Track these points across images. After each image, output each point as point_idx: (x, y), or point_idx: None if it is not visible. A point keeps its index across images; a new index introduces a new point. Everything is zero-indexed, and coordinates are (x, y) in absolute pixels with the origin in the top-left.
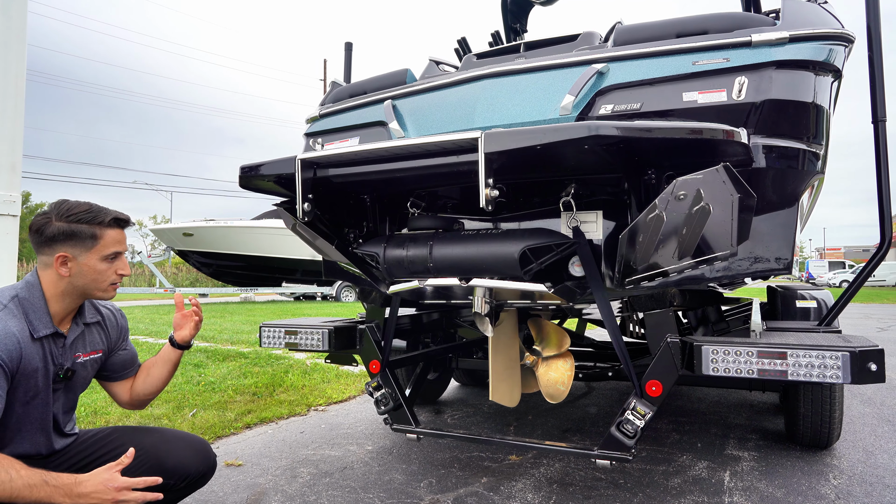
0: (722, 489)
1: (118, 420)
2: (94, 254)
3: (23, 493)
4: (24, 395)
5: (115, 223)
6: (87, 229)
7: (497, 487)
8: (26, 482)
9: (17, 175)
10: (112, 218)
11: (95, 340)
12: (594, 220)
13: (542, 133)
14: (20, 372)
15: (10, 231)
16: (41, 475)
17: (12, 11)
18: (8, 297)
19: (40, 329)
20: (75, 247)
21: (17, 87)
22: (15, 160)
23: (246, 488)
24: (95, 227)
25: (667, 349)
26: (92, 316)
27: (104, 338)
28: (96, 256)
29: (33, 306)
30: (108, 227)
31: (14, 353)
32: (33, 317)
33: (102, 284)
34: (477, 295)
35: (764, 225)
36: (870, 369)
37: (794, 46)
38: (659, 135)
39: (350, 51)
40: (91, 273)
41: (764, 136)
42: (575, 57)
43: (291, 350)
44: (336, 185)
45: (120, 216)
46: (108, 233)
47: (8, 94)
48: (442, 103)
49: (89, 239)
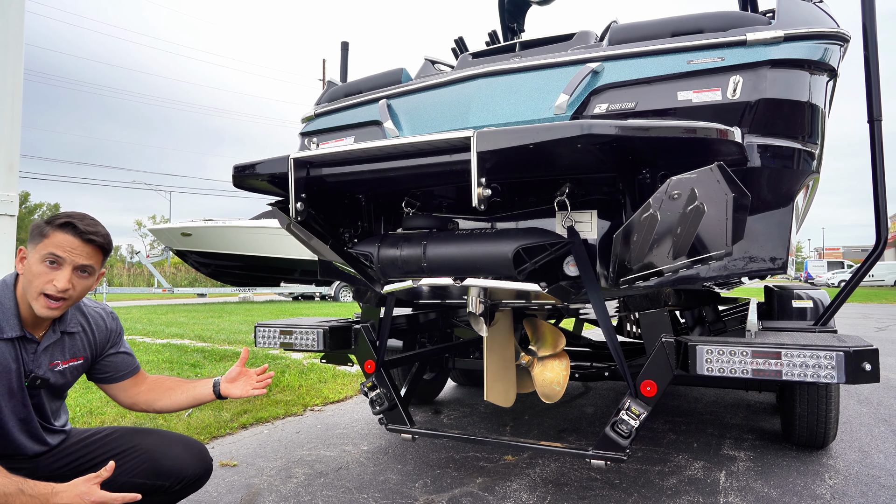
0: (717, 489)
1: (113, 420)
2: (37, 252)
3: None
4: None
5: (68, 228)
6: (39, 227)
7: (492, 488)
8: (1, 490)
9: (14, 175)
10: (65, 221)
11: (77, 348)
12: (589, 220)
13: (534, 132)
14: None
15: (8, 231)
16: (17, 484)
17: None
18: None
19: (6, 330)
20: (29, 243)
21: (15, 86)
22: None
23: (240, 488)
24: (48, 226)
25: (661, 349)
26: (74, 325)
27: (88, 345)
28: (37, 255)
29: (3, 306)
30: (59, 230)
31: None
32: (1, 317)
33: (34, 290)
34: (471, 295)
35: (759, 224)
36: (864, 369)
37: (789, 45)
38: (652, 134)
39: (346, 50)
40: (28, 273)
41: (759, 136)
42: (570, 56)
43: (287, 350)
44: (330, 184)
45: (78, 225)
46: (56, 234)
47: (6, 94)
48: (437, 102)
49: (38, 236)
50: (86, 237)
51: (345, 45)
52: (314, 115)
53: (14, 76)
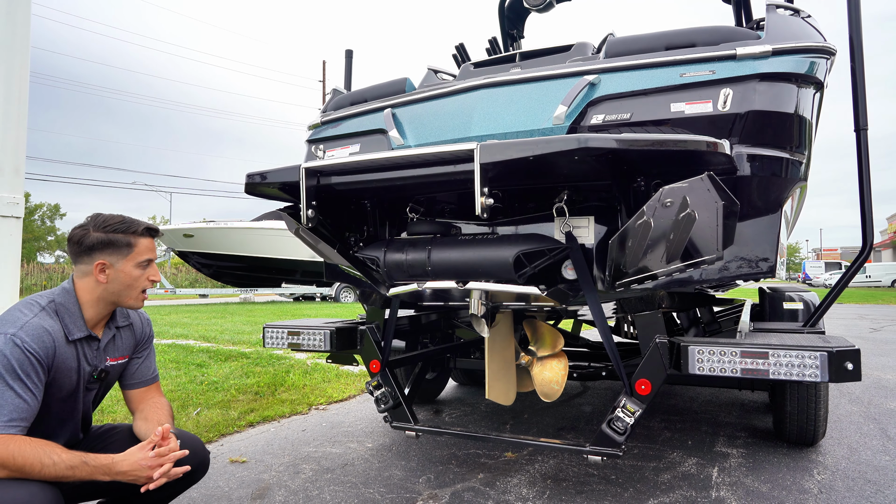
0: (709, 484)
1: (124, 418)
2: (130, 261)
3: (66, 473)
4: (60, 392)
5: (147, 232)
6: (122, 238)
7: (493, 483)
8: (68, 464)
9: (20, 177)
10: (144, 227)
11: (123, 346)
12: (586, 226)
13: (534, 145)
14: (56, 368)
15: (14, 233)
16: (80, 457)
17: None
18: (46, 300)
19: (74, 332)
20: (113, 255)
21: (21, 90)
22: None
23: (251, 483)
24: (130, 235)
25: (655, 349)
26: (123, 320)
27: (130, 343)
28: (131, 263)
29: (69, 311)
30: (142, 236)
31: (49, 349)
32: (68, 320)
33: (135, 291)
34: (473, 297)
35: (749, 230)
36: (846, 368)
37: (777, 59)
38: (645, 147)
39: (350, 58)
40: (126, 279)
41: (748, 146)
42: (568, 68)
43: (294, 350)
44: (338, 191)
45: (151, 226)
46: (142, 241)
47: (11, 98)
48: (440, 112)
49: (125, 247)
50: (156, 234)
51: (349, 53)
52: (320, 122)
53: (20, 80)
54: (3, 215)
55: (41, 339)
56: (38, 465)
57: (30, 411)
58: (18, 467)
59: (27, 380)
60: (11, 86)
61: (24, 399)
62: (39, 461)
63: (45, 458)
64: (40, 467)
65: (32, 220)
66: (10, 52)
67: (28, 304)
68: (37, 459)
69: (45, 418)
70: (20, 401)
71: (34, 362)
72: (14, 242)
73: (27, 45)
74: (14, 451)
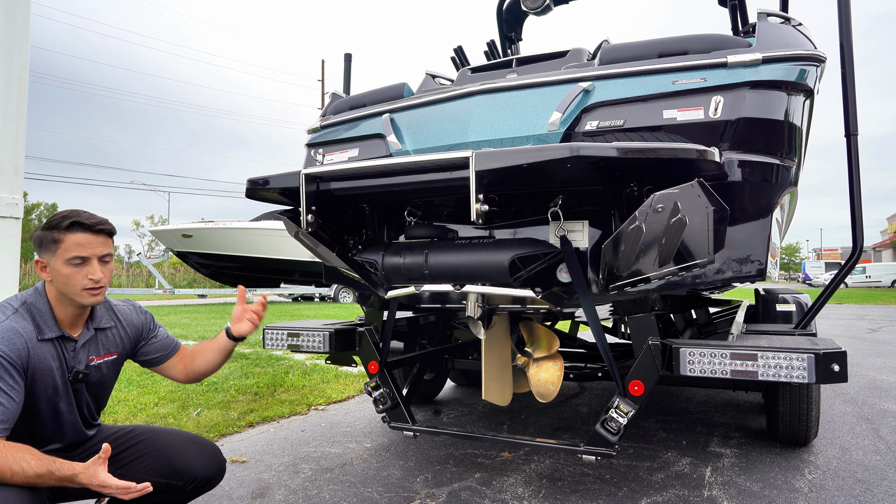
0: (702, 483)
1: (125, 419)
2: (58, 258)
3: (35, 481)
4: (45, 392)
5: (77, 227)
6: (49, 234)
7: (489, 482)
8: (36, 472)
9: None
10: (71, 222)
11: (110, 343)
12: (580, 230)
13: (527, 153)
14: (33, 368)
15: (13, 233)
16: (47, 465)
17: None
18: (18, 301)
19: (46, 332)
20: (45, 252)
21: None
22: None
23: (251, 483)
24: (56, 231)
25: (648, 351)
26: (107, 321)
27: (121, 339)
28: (60, 261)
29: (39, 311)
30: (68, 232)
31: (21, 351)
32: (39, 320)
33: (75, 289)
34: (470, 300)
35: (740, 234)
36: (833, 370)
37: (767, 67)
38: (637, 155)
39: (349, 62)
40: (60, 278)
41: (739, 152)
42: (563, 75)
43: (294, 351)
44: (337, 196)
45: (83, 221)
46: (68, 237)
47: (11, 98)
48: (437, 117)
49: (52, 244)
50: (95, 229)
51: (348, 57)
52: (320, 126)
53: (20, 80)
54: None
55: (11, 342)
56: (8, 471)
57: (7, 413)
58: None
59: (1, 382)
60: (11, 86)
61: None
62: (9, 468)
63: (15, 464)
64: (10, 474)
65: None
66: (9, 54)
67: (1, 308)
68: (6, 466)
69: (36, 419)
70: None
71: (6, 364)
72: (13, 243)
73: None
74: None
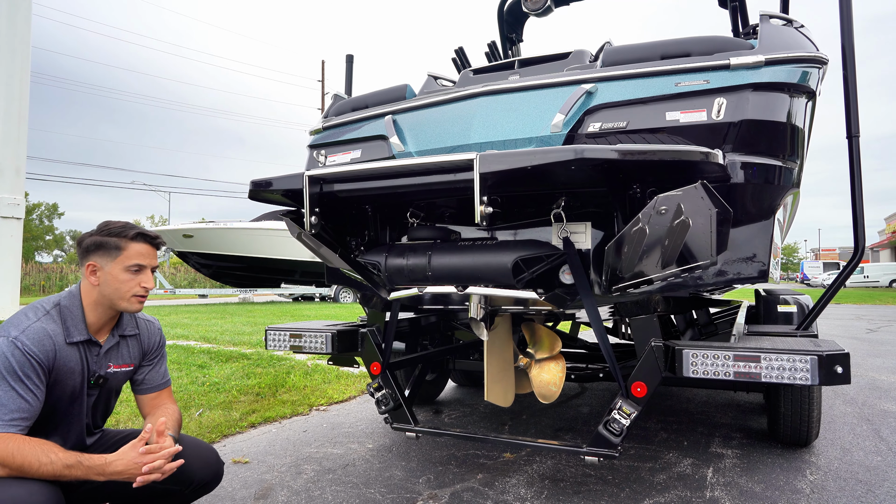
0: (704, 484)
1: (127, 421)
2: (118, 264)
3: (63, 472)
4: (64, 393)
5: (141, 238)
6: (113, 241)
7: (492, 483)
8: (64, 463)
9: (21, 178)
10: (136, 232)
11: (128, 353)
12: (583, 231)
13: (531, 155)
14: (58, 370)
15: (15, 233)
16: (76, 457)
17: (18, 19)
18: (51, 304)
19: (75, 335)
20: (102, 257)
21: (22, 92)
22: (19, 164)
23: (254, 483)
24: (121, 239)
25: (651, 352)
26: (131, 329)
27: (136, 352)
28: (119, 266)
29: (71, 314)
30: (133, 241)
31: (49, 353)
32: (70, 323)
33: (125, 294)
34: (473, 301)
35: (742, 235)
36: (836, 372)
37: (769, 69)
38: (641, 157)
39: (351, 63)
40: (114, 282)
41: (741, 154)
42: (565, 77)
43: (296, 352)
44: (340, 198)
45: (146, 232)
46: (132, 245)
47: (13, 99)
48: (440, 119)
49: (114, 249)
50: (154, 243)
51: (349, 58)
52: (322, 128)
53: (21, 82)
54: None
55: (41, 343)
56: (35, 463)
57: (31, 411)
58: (17, 466)
59: (28, 381)
60: (12, 88)
61: (26, 399)
62: (38, 459)
63: (43, 456)
64: (38, 465)
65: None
66: (11, 55)
67: (34, 308)
68: (35, 458)
69: (51, 419)
70: (21, 401)
71: (34, 364)
72: (15, 242)
73: (28, 47)
74: (13, 449)
